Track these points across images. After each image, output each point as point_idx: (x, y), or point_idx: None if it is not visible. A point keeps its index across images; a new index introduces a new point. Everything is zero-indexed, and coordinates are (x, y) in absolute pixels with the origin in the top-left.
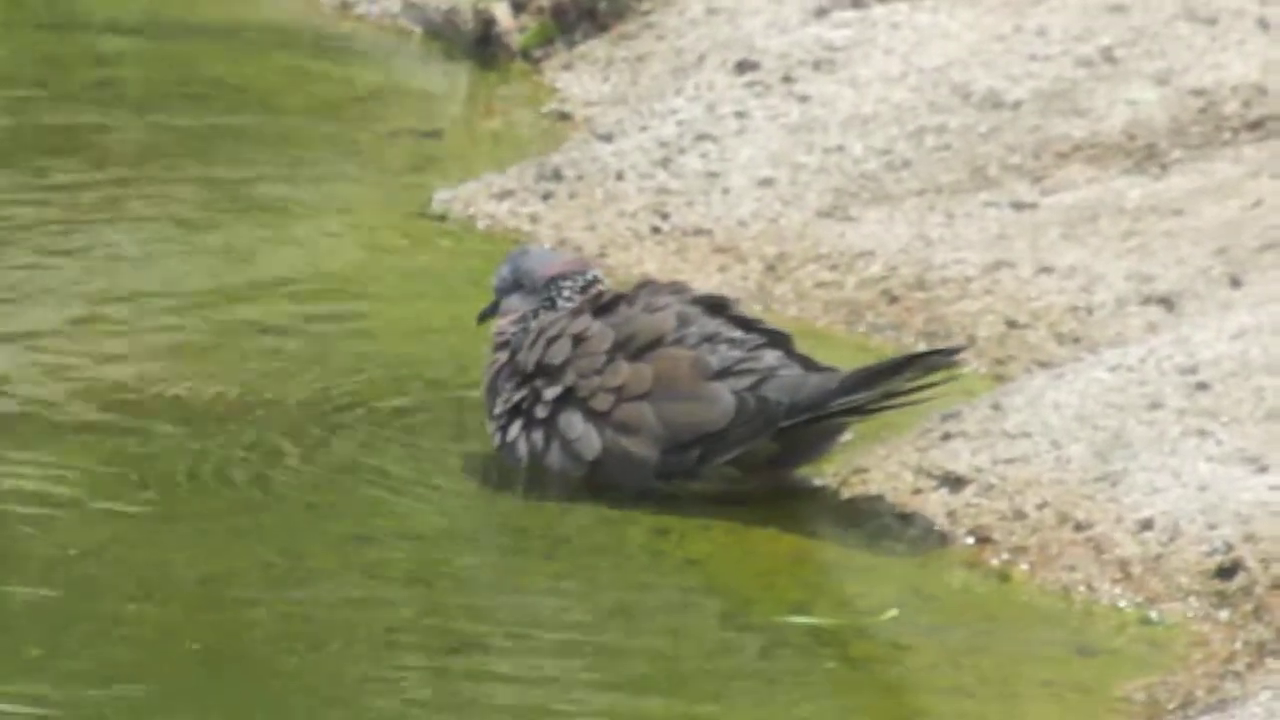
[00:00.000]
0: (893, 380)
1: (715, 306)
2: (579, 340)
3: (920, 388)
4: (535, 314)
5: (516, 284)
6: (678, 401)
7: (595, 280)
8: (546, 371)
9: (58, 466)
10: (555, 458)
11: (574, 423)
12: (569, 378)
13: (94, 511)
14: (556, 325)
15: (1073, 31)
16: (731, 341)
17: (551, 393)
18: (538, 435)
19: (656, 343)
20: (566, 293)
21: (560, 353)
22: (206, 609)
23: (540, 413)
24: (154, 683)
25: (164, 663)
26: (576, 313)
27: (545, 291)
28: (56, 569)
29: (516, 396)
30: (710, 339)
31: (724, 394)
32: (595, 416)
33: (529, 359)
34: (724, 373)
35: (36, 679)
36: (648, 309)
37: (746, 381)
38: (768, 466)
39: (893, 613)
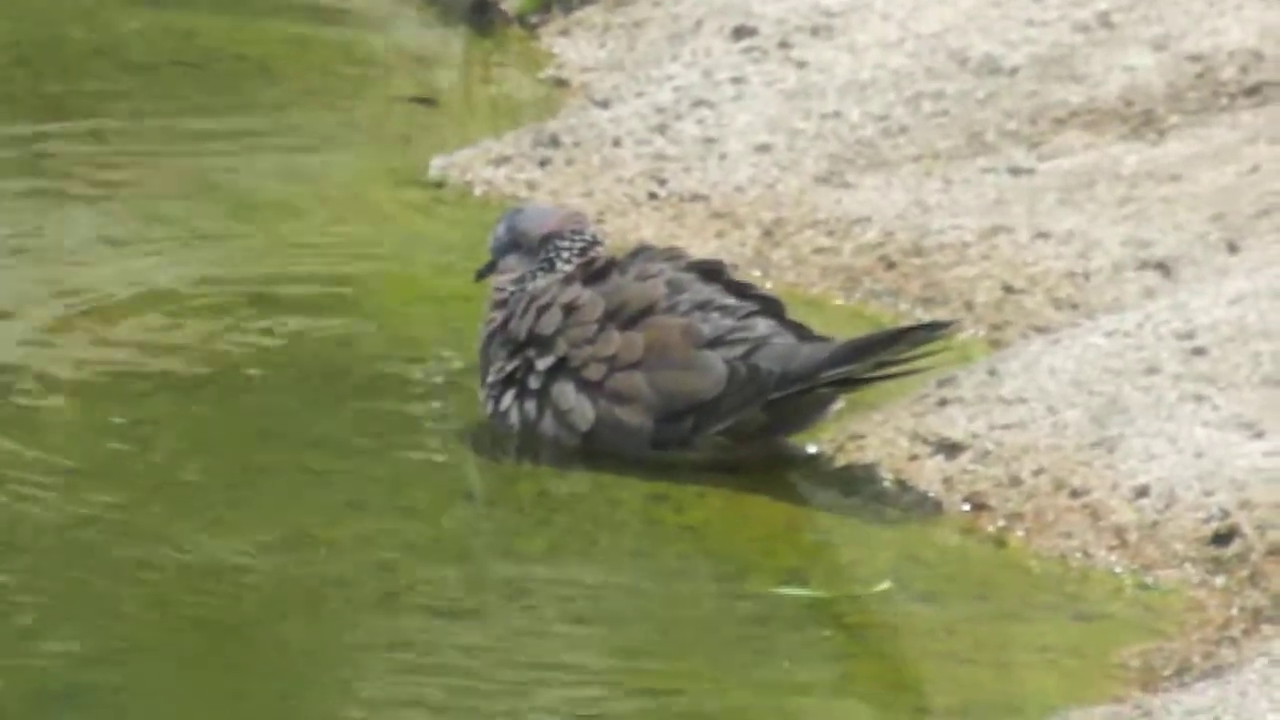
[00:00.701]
0: (884, 352)
1: (709, 273)
2: (570, 310)
3: (912, 359)
4: (534, 275)
5: (513, 243)
6: (670, 370)
7: (594, 241)
8: (538, 341)
9: (53, 437)
10: (549, 427)
11: (567, 393)
12: (561, 348)
13: (90, 480)
14: (548, 294)
15: None
16: (724, 309)
17: (544, 363)
18: (530, 405)
19: (648, 311)
20: (565, 254)
21: (551, 323)
22: (203, 577)
23: (533, 383)
24: (150, 651)
25: (160, 631)
26: (568, 281)
27: (543, 250)
28: (51, 538)
29: (509, 366)
30: (702, 307)
31: (716, 362)
32: (588, 386)
33: (520, 328)
34: (716, 341)
35: (29, 649)
36: (640, 276)
37: (739, 350)
38: (758, 436)
39: (887, 584)
